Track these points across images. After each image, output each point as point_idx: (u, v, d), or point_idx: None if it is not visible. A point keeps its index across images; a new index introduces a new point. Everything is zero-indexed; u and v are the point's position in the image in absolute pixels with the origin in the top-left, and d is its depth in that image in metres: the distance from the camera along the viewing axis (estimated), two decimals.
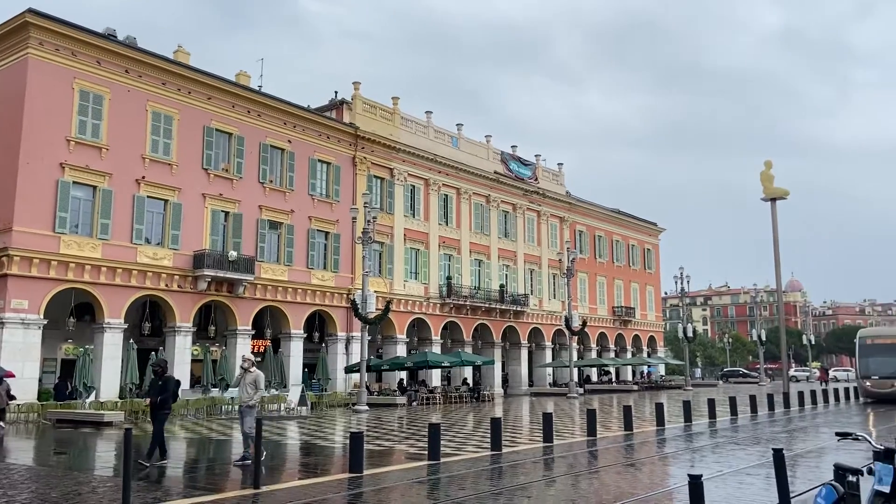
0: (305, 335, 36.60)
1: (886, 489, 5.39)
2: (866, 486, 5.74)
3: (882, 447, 5.82)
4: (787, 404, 30.19)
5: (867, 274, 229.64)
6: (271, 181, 35.53)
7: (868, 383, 33.19)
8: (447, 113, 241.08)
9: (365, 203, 32.77)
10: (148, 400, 13.85)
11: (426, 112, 45.64)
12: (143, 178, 30.38)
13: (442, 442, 14.69)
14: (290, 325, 35.47)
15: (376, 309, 34.02)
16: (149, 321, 32.68)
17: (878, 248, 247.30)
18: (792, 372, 69.90)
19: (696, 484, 5.80)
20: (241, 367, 14.19)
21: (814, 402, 32.54)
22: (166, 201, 31.15)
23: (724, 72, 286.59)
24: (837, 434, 7.50)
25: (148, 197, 30.53)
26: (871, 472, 5.73)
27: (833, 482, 6.53)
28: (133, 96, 30.44)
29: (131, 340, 28.36)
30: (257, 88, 37.16)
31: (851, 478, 6.41)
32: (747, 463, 13.56)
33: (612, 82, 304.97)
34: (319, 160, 38.03)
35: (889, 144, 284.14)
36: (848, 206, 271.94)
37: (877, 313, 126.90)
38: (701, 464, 13.91)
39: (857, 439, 6.54)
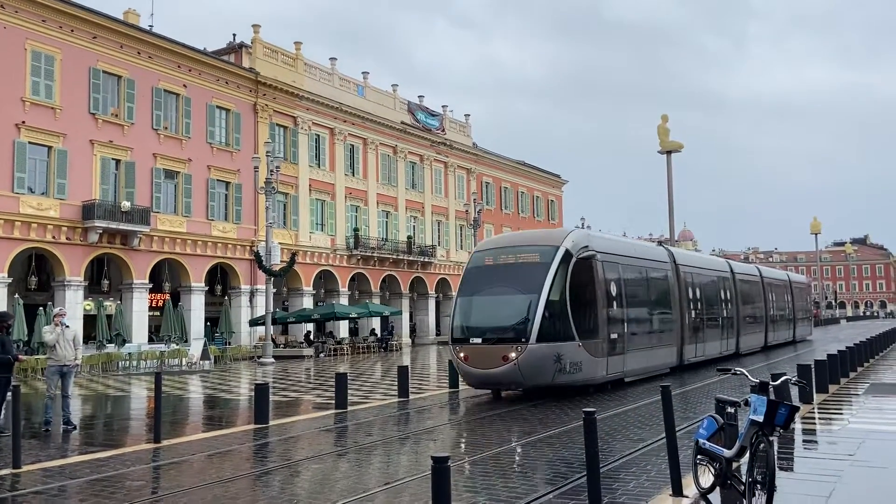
0: (207, 288, 35.59)
1: (760, 418, 5.84)
2: (744, 416, 6.20)
3: (757, 381, 6.29)
4: None
5: (752, 223, 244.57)
6: (166, 128, 33.83)
7: (462, 354, 15.19)
8: (352, 60, 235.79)
9: (267, 152, 31.85)
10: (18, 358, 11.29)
11: (330, 59, 44.43)
12: (24, 122, 28.25)
13: (349, 391, 14.79)
14: (190, 278, 34.34)
15: (281, 261, 33.43)
16: (35, 275, 30.92)
17: (762, 198, 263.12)
18: None
19: (590, 420, 6.08)
20: (62, 323, 12.26)
21: None
22: (50, 148, 29.15)
23: (625, 23, 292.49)
24: (718, 370, 8.07)
25: (30, 143, 28.46)
26: (747, 403, 6.19)
27: (714, 414, 7.05)
28: (10, 34, 28.03)
29: (17, 295, 26.76)
30: (148, 28, 35.00)
31: (730, 409, 6.94)
32: (647, 400, 14.38)
33: (516, 30, 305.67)
34: (218, 106, 36.44)
35: (778, 99, 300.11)
36: (737, 159, 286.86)
37: (759, 260, 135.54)
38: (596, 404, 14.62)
39: (736, 374, 7.03)
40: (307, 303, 40.11)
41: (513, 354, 14.35)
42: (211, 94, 36.04)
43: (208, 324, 34.74)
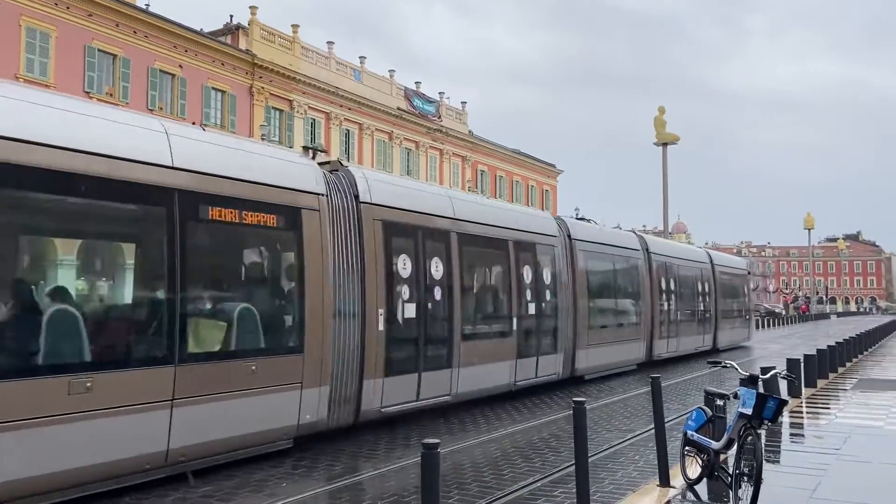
0: None
1: (749, 411, 5.89)
2: (733, 409, 6.24)
3: (747, 374, 6.33)
4: None
5: (746, 217, 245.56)
6: (161, 108, 33.60)
7: None
8: (350, 45, 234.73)
9: (263, 135, 31.75)
10: None
11: (328, 42, 44.17)
12: None
13: None
14: None
15: None
16: None
17: (757, 192, 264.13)
18: None
19: (579, 408, 6.10)
20: None
21: None
22: None
23: (624, 11, 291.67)
24: (709, 362, 8.11)
25: None
26: (736, 396, 6.24)
27: (703, 406, 7.10)
28: (4, 9, 27.70)
29: None
30: (144, 7, 34.65)
31: (719, 402, 6.99)
32: (635, 392, 14.46)
33: (514, 18, 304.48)
34: (214, 88, 36.20)
35: (774, 93, 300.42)
36: (733, 151, 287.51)
37: (752, 254, 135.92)
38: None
39: (726, 367, 7.07)
40: None
41: None
42: (207, 75, 35.79)
43: None
